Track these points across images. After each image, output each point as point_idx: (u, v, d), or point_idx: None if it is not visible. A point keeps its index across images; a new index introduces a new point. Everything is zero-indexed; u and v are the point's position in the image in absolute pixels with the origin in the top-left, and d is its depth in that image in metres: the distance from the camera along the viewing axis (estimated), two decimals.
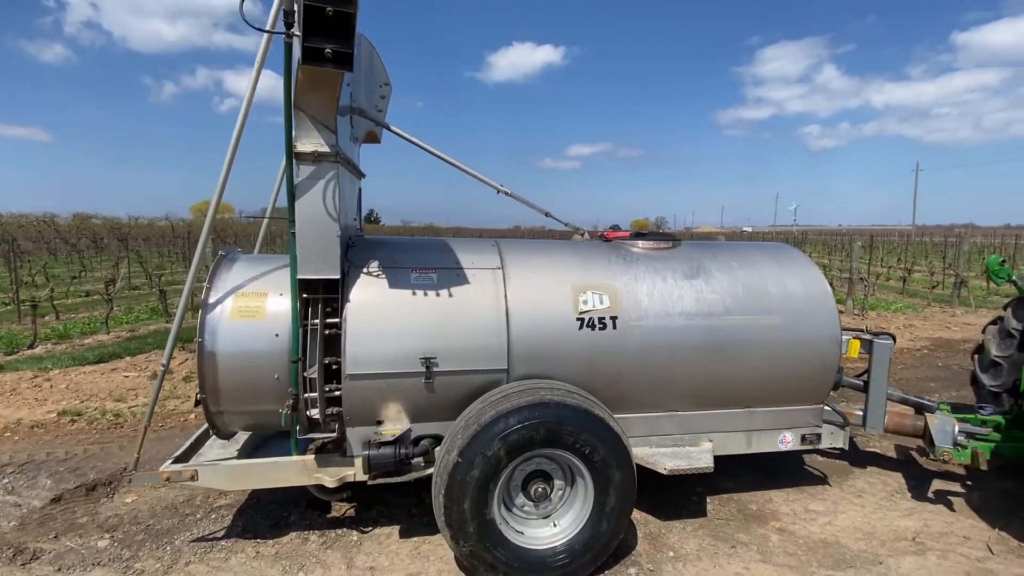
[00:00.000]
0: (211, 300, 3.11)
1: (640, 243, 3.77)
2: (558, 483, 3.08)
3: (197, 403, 3.90)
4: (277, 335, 3.10)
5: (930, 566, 3.14)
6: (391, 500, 3.82)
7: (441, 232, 43.53)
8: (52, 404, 5.89)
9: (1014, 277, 3.89)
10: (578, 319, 3.28)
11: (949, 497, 3.91)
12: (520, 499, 3.05)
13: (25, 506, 3.83)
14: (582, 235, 4.09)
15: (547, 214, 4.06)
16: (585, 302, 3.31)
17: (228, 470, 3.15)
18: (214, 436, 3.48)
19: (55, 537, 3.44)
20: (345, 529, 3.52)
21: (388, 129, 3.69)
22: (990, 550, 3.28)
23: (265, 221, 4.06)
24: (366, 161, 4.15)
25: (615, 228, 4.12)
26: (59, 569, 3.12)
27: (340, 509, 3.75)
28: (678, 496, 3.84)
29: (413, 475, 3.16)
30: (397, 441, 3.08)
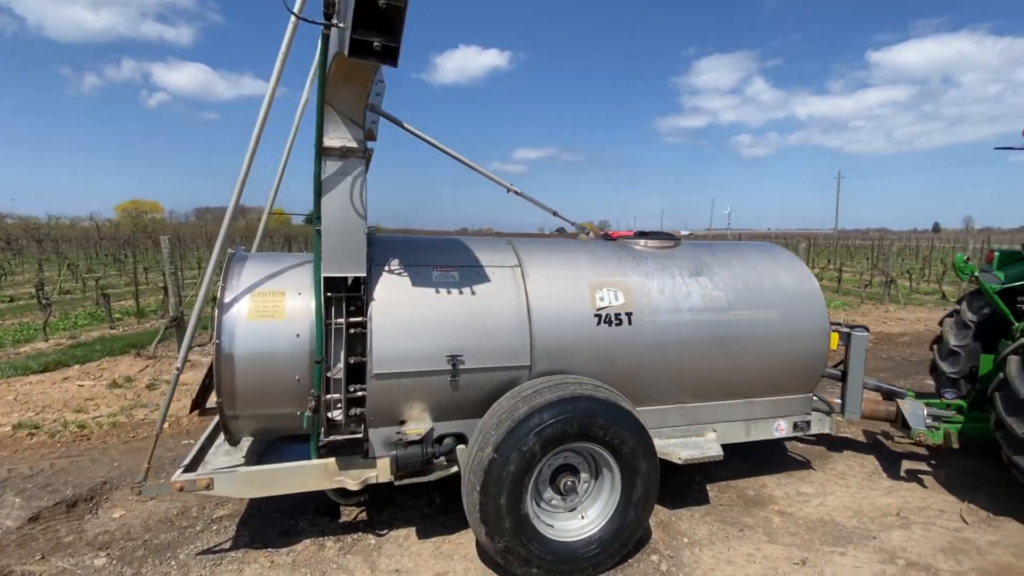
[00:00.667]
0: (227, 300, 2.96)
1: (645, 242, 3.89)
2: (584, 476, 3.13)
3: (193, 408, 3.72)
4: (298, 335, 2.99)
5: (917, 538, 3.41)
6: (401, 502, 3.75)
7: (389, 232, 42.71)
8: (2, 417, 5.39)
9: (976, 274, 4.28)
10: (595, 315, 3.35)
11: (920, 475, 4.25)
12: (548, 493, 3.08)
13: None
14: (587, 234, 4.17)
15: (555, 213, 4.10)
16: (602, 299, 3.39)
17: (245, 477, 3.00)
18: (224, 442, 3.31)
19: (42, 558, 3.17)
20: (360, 533, 3.43)
21: (401, 126, 3.63)
22: (964, 520, 3.60)
23: (264, 218, 3.89)
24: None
25: (604, 227, 4.23)
26: None
27: (351, 514, 3.65)
28: (680, 486, 3.98)
29: (437, 474, 3.13)
30: (422, 440, 3.04)
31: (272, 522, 3.56)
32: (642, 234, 3.96)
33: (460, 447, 3.16)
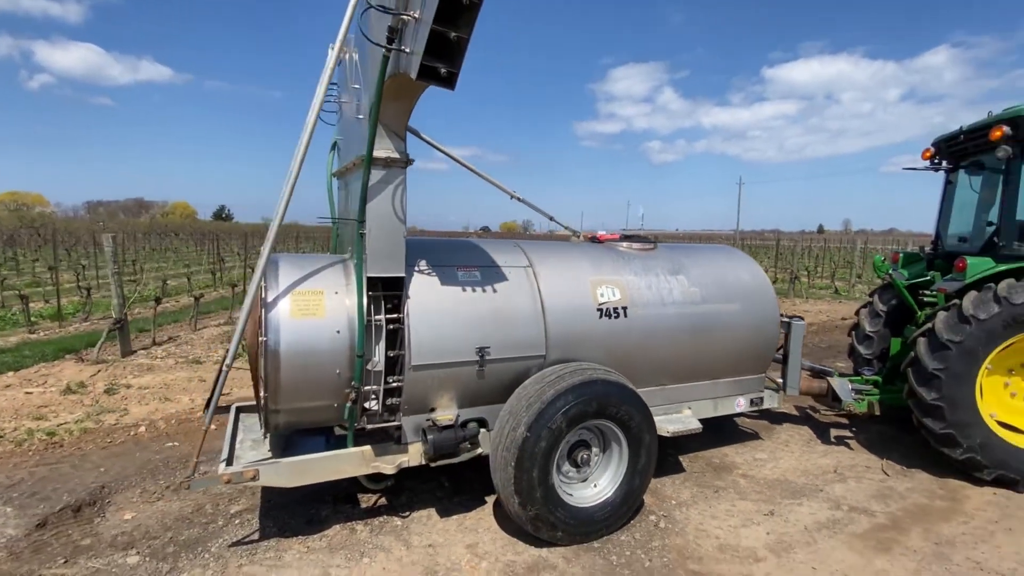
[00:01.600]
0: (270, 299, 3.07)
1: (628, 245, 4.35)
2: (595, 450, 3.53)
3: (207, 406, 3.74)
4: (338, 332, 3.15)
5: (852, 489, 4.11)
6: (413, 487, 3.97)
7: (314, 231, 41.28)
8: None
9: (890, 272, 5.13)
10: (598, 309, 3.76)
11: (846, 440, 5.04)
12: (566, 466, 3.45)
13: (1, 536, 3.36)
14: (578, 237, 4.58)
15: (551, 218, 4.48)
16: (602, 295, 3.80)
17: (288, 467, 3.13)
18: (247, 437, 3.40)
19: (66, 562, 3.12)
20: (385, 517, 3.62)
21: (418, 136, 3.85)
22: (885, 473, 4.37)
23: (275, 222, 3.96)
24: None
25: (583, 231, 4.67)
26: None
27: (370, 500, 3.83)
28: (659, 459, 4.48)
29: (465, 456, 3.41)
30: (454, 425, 3.31)
31: (294, 513, 3.67)
32: (626, 237, 4.43)
33: (483, 431, 3.46)
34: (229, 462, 3.18)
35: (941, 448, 4.18)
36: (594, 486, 3.49)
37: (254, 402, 4.12)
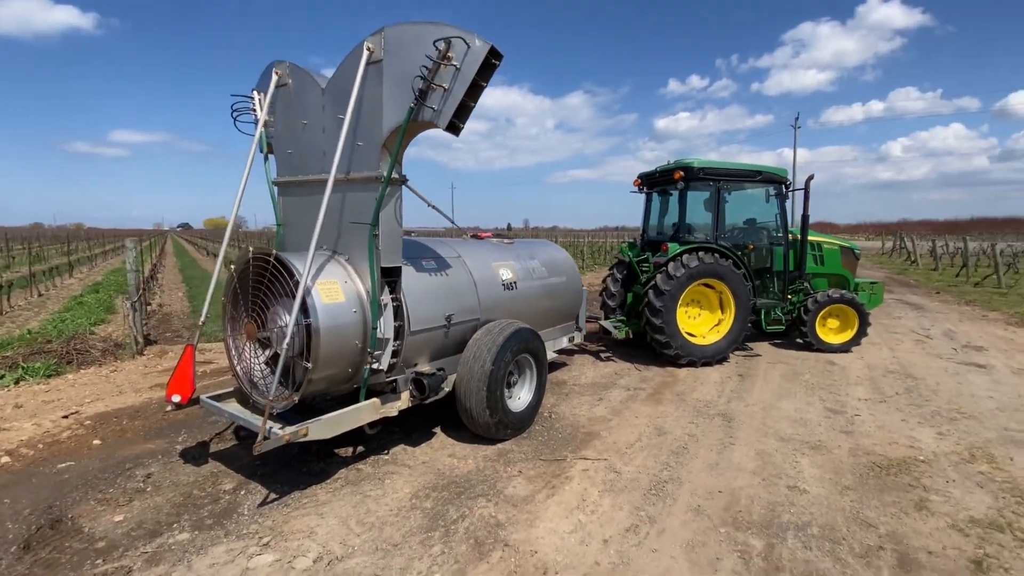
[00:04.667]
0: (306, 288, 3.61)
1: (499, 240, 5.94)
2: (515, 376, 5.04)
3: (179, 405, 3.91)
4: (355, 311, 3.89)
5: (629, 380, 6.63)
6: (370, 437, 4.73)
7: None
8: None
9: (628, 253, 7.96)
10: (502, 284, 5.26)
11: (612, 358, 7.70)
12: (506, 388, 4.86)
13: None
14: (465, 235, 5.89)
15: (452, 221, 5.64)
16: (503, 274, 5.31)
17: (328, 422, 3.73)
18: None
19: (104, 561, 3.08)
20: (373, 457, 4.40)
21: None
22: (638, 370, 7.06)
23: (229, 226, 4.18)
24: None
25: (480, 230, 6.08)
26: (177, 563, 3.06)
27: (348, 452, 4.49)
28: None
29: (443, 393, 4.49)
30: (435, 373, 4.39)
31: (291, 475, 4.09)
32: (497, 235, 5.99)
33: (450, 376, 4.60)
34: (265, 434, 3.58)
35: (663, 350, 7.07)
36: (519, 398, 5.01)
37: (217, 392, 4.32)
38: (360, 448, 4.57)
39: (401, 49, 3.71)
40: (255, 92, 4.71)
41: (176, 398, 3.97)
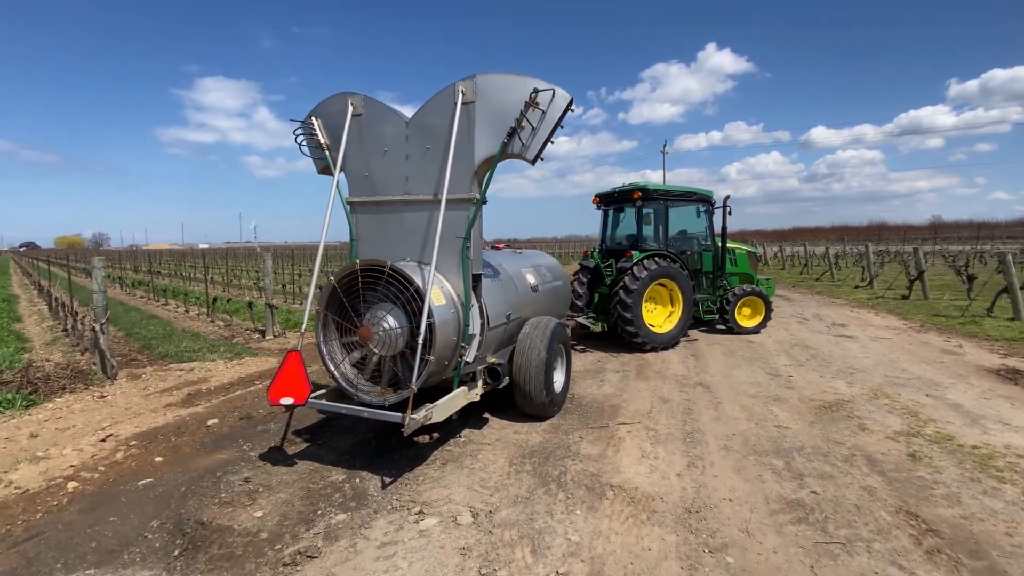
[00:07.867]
0: (424, 294, 4.07)
1: (512, 250, 6.65)
2: (554, 361, 5.78)
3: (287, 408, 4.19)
4: (453, 311, 4.41)
5: (619, 363, 7.66)
6: (438, 426, 5.21)
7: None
8: None
9: (594, 257, 9.01)
10: (530, 287, 5.99)
11: (588, 350, 8.69)
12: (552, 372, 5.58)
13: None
14: (490, 247, 6.50)
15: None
16: (530, 279, 6.05)
17: (441, 407, 4.19)
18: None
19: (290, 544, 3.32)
20: (452, 440, 4.88)
21: None
22: (617, 356, 8.13)
23: (321, 249, 4.47)
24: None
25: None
26: (354, 536, 3.40)
27: (425, 439, 4.92)
28: None
29: (507, 380, 5.10)
30: (502, 363, 5.01)
31: (388, 462, 4.45)
32: (508, 245, 6.69)
33: (516, 357, 5.21)
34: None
35: (632, 339, 8.23)
36: (558, 381, 5.75)
37: (317, 393, 4.56)
38: (436, 435, 5.01)
39: (490, 94, 4.35)
40: (313, 118, 4.99)
41: (287, 400, 4.15)
